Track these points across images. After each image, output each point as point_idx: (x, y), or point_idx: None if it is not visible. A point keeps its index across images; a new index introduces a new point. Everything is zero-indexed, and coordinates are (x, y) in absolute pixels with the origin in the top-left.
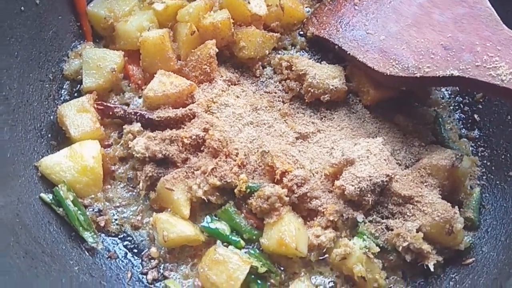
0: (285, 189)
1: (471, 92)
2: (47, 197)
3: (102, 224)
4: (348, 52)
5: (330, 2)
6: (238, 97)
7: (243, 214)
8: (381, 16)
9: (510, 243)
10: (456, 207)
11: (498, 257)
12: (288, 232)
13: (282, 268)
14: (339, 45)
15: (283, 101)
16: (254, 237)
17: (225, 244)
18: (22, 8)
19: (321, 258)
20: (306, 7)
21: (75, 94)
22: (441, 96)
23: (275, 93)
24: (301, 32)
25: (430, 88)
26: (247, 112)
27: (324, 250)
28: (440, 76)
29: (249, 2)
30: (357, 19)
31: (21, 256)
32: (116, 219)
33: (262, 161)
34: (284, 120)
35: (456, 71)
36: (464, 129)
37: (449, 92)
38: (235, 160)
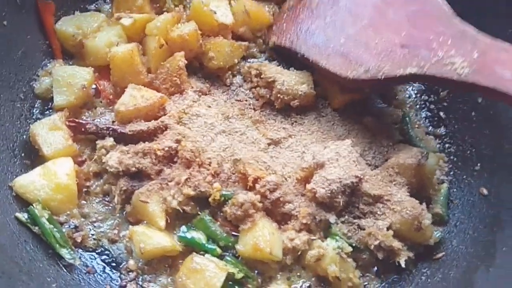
0: (258, 195)
1: (436, 90)
2: (22, 216)
3: (79, 240)
4: (310, 60)
5: (289, 9)
6: (209, 106)
7: (218, 222)
8: (339, 20)
9: (478, 236)
10: (424, 203)
11: (467, 250)
12: (262, 237)
13: (259, 273)
14: (301, 53)
15: (254, 109)
16: (230, 244)
17: (202, 252)
18: None
19: (296, 261)
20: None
21: (47, 112)
22: (408, 95)
23: (246, 101)
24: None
25: (396, 88)
26: (219, 121)
27: (299, 253)
28: (401, 75)
29: (215, 12)
30: (316, 25)
31: None
32: (93, 234)
33: (235, 169)
34: (256, 127)
35: (415, 69)
36: (430, 127)
37: (415, 92)
38: (208, 170)
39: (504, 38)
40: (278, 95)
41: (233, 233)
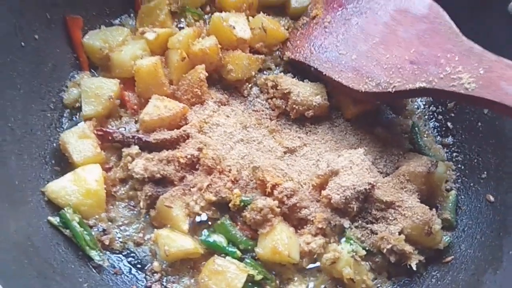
0: (276, 201)
1: (443, 101)
2: (55, 219)
3: (107, 242)
4: (323, 73)
5: (302, 27)
6: (228, 116)
7: (238, 226)
8: (351, 37)
9: (485, 241)
10: (434, 209)
11: (475, 254)
12: (280, 240)
13: (276, 275)
14: (315, 67)
15: (270, 118)
16: (249, 247)
17: (223, 255)
18: (23, 43)
19: (312, 263)
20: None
21: (75, 121)
22: (416, 106)
23: (263, 111)
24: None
25: (405, 100)
26: (237, 130)
27: (315, 256)
28: (410, 89)
29: (234, 28)
30: (329, 41)
31: (34, 277)
32: (119, 237)
33: (254, 176)
34: (272, 136)
35: (424, 83)
36: (439, 137)
37: (424, 103)
38: (228, 176)
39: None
40: (293, 105)
41: (252, 237)
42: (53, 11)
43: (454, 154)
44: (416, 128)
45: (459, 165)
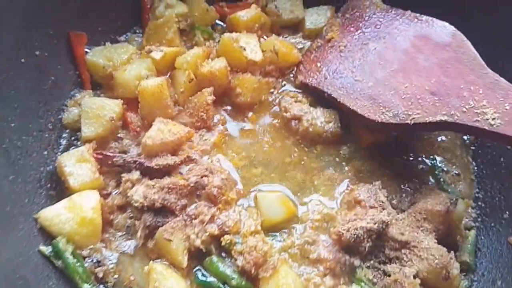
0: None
1: (463, 135)
2: (46, 249)
3: (101, 275)
4: (338, 100)
5: (316, 50)
6: None
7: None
8: (368, 63)
9: (506, 287)
10: (452, 252)
11: None
12: (286, 285)
13: None
14: (328, 93)
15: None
16: (243, 283)
17: None
18: (22, 60)
19: None
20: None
21: (74, 143)
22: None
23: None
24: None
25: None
26: None
27: None
28: (430, 121)
29: (245, 49)
30: (344, 66)
31: None
32: (114, 270)
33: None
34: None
35: (445, 117)
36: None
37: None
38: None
39: None
40: (304, 132)
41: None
42: (57, 27)
43: (475, 190)
44: (435, 162)
45: (480, 203)
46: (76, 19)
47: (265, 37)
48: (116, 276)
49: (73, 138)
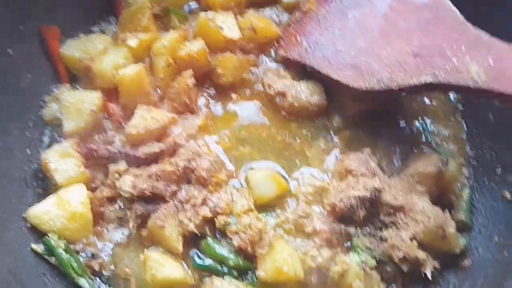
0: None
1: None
2: (39, 247)
3: (97, 268)
4: (321, 71)
5: (295, 23)
6: None
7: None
8: (348, 32)
9: (504, 242)
10: (447, 210)
11: (493, 257)
12: (283, 260)
13: None
14: (311, 65)
15: None
16: (240, 263)
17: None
18: None
19: (321, 279)
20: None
21: (57, 139)
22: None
23: None
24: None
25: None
26: None
27: (324, 271)
28: (415, 84)
29: (222, 28)
30: (325, 37)
31: None
32: (110, 261)
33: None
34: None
35: (429, 78)
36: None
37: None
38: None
39: None
40: (290, 107)
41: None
42: (27, 23)
43: (467, 149)
44: (425, 124)
45: (472, 161)
46: (46, 13)
47: (241, 16)
48: (112, 267)
49: (55, 134)
